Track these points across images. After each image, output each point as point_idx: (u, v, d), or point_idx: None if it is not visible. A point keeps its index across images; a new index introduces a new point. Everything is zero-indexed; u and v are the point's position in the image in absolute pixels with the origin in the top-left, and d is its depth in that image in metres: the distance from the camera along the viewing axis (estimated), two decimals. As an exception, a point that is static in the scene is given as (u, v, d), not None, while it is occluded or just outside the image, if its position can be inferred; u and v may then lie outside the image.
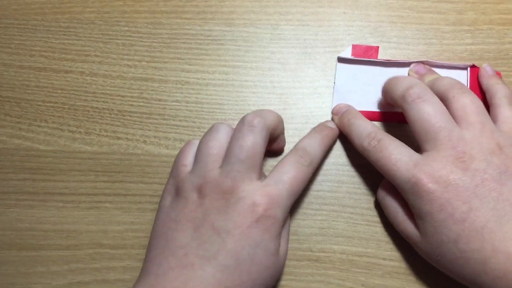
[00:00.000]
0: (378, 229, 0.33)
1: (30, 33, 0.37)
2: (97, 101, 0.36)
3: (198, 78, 0.36)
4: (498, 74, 0.34)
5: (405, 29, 0.36)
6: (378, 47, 0.35)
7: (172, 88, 0.36)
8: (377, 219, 0.33)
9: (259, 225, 0.27)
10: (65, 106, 0.36)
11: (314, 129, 0.33)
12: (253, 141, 0.28)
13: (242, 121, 0.29)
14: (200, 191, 0.28)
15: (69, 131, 0.35)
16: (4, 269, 0.34)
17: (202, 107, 0.35)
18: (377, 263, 0.33)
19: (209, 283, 0.26)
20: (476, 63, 0.34)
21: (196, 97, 0.35)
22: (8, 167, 0.35)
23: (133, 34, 0.36)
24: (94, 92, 0.36)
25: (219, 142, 0.29)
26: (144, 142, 0.35)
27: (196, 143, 0.31)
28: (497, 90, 0.31)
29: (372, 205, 0.33)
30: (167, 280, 0.26)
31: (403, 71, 0.34)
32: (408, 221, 0.29)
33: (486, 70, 0.33)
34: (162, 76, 0.36)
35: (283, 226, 0.29)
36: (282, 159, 0.30)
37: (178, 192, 0.29)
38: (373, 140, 0.29)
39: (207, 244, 0.27)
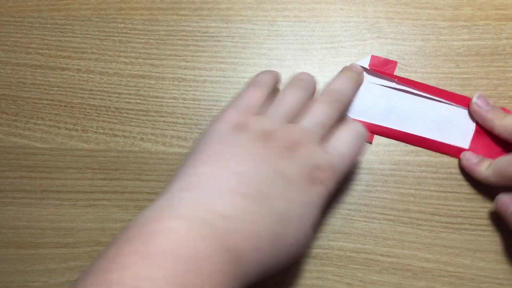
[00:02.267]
0: (376, 226, 0.33)
1: (26, 30, 0.37)
2: (94, 98, 0.36)
3: (195, 75, 0.36)
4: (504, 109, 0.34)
5: (402, 25, 0.36)
6: (396, 62, 0.35)
7: (169, 85, 0.36)
8: (375, 215, 0.33)
9: (315, 188, 0.27)
10: (62, 104, 0.36)
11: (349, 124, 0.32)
12: (334, 113, 0.30)
13: (328, 92, 0.30)
14: (268, 135, 0.27)
15: (66, 129, 0.35)
16: (2, 267, 0.34)
17: (199, 104, 0.35)
18: (374, 259, 0.33)
19: (259, 223, 0.24)
20: (473, 59, 0.35)
21: (193, 94, 0.35)
22: (5, 165, 0.35)
23: (129, 31, 0.36)
24: (90, 90, 0.36)
25: (301, 99, 0.30)
26: (141, 139, 0.35)
27: (265, 85, 0.31)
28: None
29: (369, 201, 0.33)
30: (221, 202, 0.24)
31: (415, 99, 0.34)
32: None
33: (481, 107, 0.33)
34: (159, 73, 0.36)
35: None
36: (340, 129, 0.30)
37: (240, 127, 0.28)
38: None
39: (267, 181, 0.26)
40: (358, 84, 0.33)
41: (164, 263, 0.21)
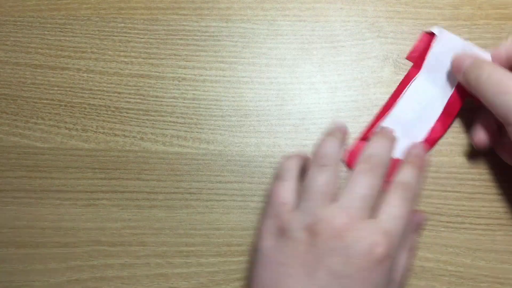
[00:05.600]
0: (376, 225, 0.33)
1: (26, 30, 0.37)
2: (94, 98, 0.36)
3: (195, 75, 0.36)
4: None
5: (402, 24, 0.35)
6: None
7: (169, 85, 0.36)
8: (375, 214, 0.33)
9: (380, 267, 0.25)
10: (62, 103, 0.36)
11: (407, 161, 0.30)
12: (377, 181, 0.27)
13: (366, 159, 0.28)
14: (311, 230, 0.26)
15: (66, 128, 0.35)
16: (2, 267, 0.34)
17: (199, 104, 0.35)
18: (375, 258, 0.33)
19: None
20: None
21: (193, 94, 0.35)
22: (5, 165, 0.35)
23: (129, 31, 0.36)
24: (90, 89, 0.36)
25: (330, 178, 0.28)
26: (141, 139, 0.35)
27: (290, 178, 0.29)
28: None
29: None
30: None
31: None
32: None
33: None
34: (159, 72, 0.36)
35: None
36: (386, 195, 0.28)
37: (282, 232, 0.27)
38: None
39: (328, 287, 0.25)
40: (394, 143, 0.31)
41: None
